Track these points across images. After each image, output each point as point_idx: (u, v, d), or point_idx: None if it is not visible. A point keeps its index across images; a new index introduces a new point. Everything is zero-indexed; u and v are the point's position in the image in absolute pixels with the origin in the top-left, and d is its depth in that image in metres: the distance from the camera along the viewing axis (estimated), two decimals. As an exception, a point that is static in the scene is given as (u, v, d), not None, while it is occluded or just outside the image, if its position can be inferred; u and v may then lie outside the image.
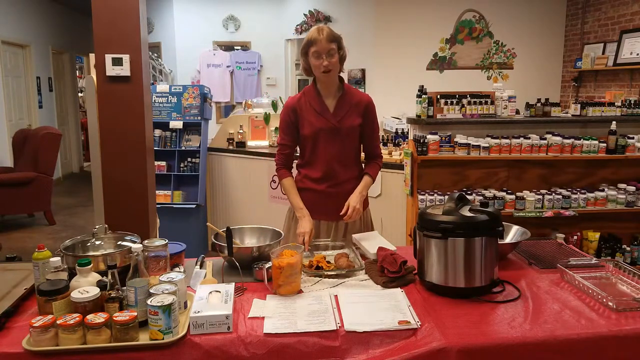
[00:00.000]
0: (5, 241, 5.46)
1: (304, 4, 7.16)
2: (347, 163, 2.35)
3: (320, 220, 2.39)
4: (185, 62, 7.76)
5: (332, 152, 2.32)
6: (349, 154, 2.35)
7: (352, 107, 2.32)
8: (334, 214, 2.31)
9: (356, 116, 2.32)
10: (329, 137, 2.31)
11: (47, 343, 1.35)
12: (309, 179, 2.37)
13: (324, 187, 2.35)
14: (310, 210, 2.30)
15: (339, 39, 2.28)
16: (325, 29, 2.25)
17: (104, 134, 2.88)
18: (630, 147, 3.56)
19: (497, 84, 4.56)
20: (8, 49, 7.45)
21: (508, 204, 3.51)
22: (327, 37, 2.21)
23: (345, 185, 2.33)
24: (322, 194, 2.35)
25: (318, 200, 2.34)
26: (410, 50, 6.51)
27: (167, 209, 4.80)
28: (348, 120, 2.30)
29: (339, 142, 2.31)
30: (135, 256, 1.57)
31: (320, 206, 2.35)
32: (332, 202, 2.32)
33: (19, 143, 6.42)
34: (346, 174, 2.34)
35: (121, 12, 2.78)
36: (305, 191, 2.36)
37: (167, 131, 4.99)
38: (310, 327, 1.46)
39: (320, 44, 2.20)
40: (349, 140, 2.33)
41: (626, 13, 5.92)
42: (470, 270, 1.66)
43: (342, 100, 2.33)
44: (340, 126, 2.29)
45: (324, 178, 2.34)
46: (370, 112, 2.37)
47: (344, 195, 2.29)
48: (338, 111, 2.31)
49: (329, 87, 2.33)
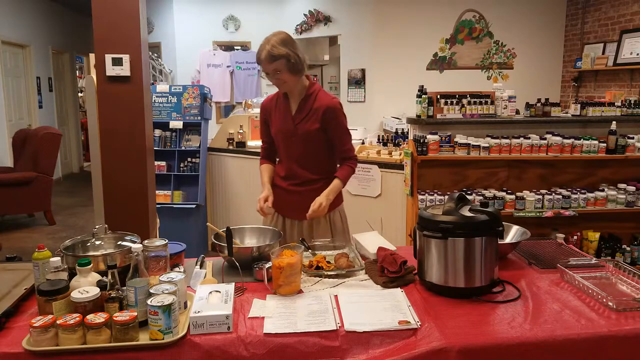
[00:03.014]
0: (5, 241, 5.46)
1: (304, 4, 7.16)
2: (308, 166, 2.38)
3: (285, 217, 2.45)
4: (185, 62, 7.76)
5: (292, 154, 2.38)
6: (309, 157, 2.37)
7: (311, 112, 2.31)
8: (296, 212, 2.37)
9: (314, 121, 2.31)
10: (288, 139, 2.36)
11: (47, 343, 1.35)
12: (277, 176, 2.47)
13: (286, 184, 2.42)
14: (277, 206, 2.39)
15: (281, 56, 2.18)
16: (267, 46, 2.18)
17: (104, 134, 2.88)
18: (630, 147, 3.56)
19: (497, 84, 4.56)
20: (8, 49, 7.45)
21: (508, 204, 3.50)
22: (266, 59, 2.19)
23: (309, 186, 2.37)
24: (285, 190, 2.42)
25: (282, 197, 2.40)
26: (410, 50, 6.50)
27: (167, 209, 4.80)
28: (305, 124, 2.31)
29: (297, 144, 2.35)
30: (135, 256, 1.57)
31: (284, 203, 2.41)
32: (294, 200, 2.37)
33: (19, 143, 6.42)
34: (307, 175, 2.38)
35: (121, 12, 2.78)
36: (275, 187, 2.44)
37: (167, 131, 4.99)
38: (310, 327, 1.46)
39: (263, 65, 2.23)
40: (308, 143, 2.34)
41: (626, 13, 5.92)
42: (470, 270, 1.66)
43: (303, 104, 2.34)
44: (296, 130, 2.32)
45: (287, 177, 2.42)
46: (331, 117, 2.32)
47: (307, 195, 2.31)
48: (298, 115, 2.34)
49: (292, 92, 2.35)
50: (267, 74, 2.28)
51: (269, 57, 2.19)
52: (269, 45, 2.19)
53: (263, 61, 2.21)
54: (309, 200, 2.28)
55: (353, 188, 4.06)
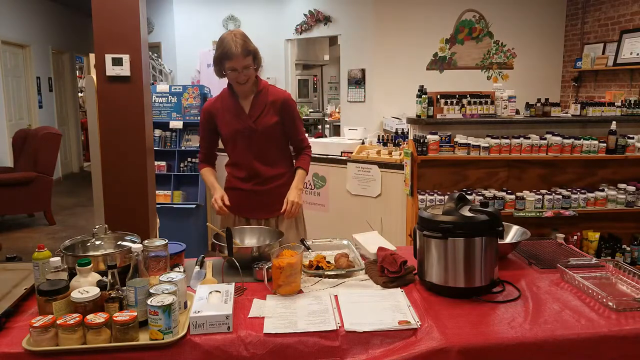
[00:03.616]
0: (5, 241, 5.46)
1: (304, 4, 7.16)
2: (269, 161, 2.37)
3: (250, 219, 2.41)
4: (185, 62, 7.76)
5: (252, 152, 2.34)
6: (271, 152, 2.37)
7: (267, 106, 2.31)
8: (263, 211, 2.36)
9: (272, 114, 2.31)
10: (247, 138, 2.33)
11: (47, 343, 1.35)
12: (235, 178, 2.42)
13: (249, 185, 2.38)
14: (238, 209, 2.35)
15: (254, 51, 2.21)
16: (239, 41, 2.16)
17: (104, 134, 2.88)
18: (630, 147, 3.56)
19: (497, 84, 4.56)
20: (8, 49, 7.45)
21: (508, 204, 3.50)
22: (242, 52, 2.15)
23: (272, 182, 2.36)
24: (249, 192, 2.38)
25: (246, 199, 2.38)
26: (410, 50, 6.50)
27: (167, 209, 4.80)
28: (264, 119, 2.31)
29: (257, 141, 2.33)
30: (135, 256, 1.57)
31: (249, 204, 2.38)
32: (260, 199, 2.36)
33: (19, 143, 6.42)
34: (271, 172, 2.36)
35: (121, 12, 2.77)
36: (233, 190, 2.39)
37: (167, 131, 4.99)
38: (310, 327, 1.46)
39: (236, 60, 2.16)
40: (267, 139, 2.34)
41: (626, 13, 5.92)
42: (470, 270, 1.66)
43: (256, 100, 2.32)
44: (256, 126, 2.30)
45: (249, 177, 2.38)
46: (287, 109, 2.35)
47: (272, 193, 2.32)
48: (253, 111, 2.31)
49: (244, 90, 2.32)
50: (232, 70, 2.20)
51: (244, 51, 2.16)
52: (240, 40, 2.16)
53: (237, 55, 2.15)
54: (276, 197, 2.28)
55: (353, 188, 4.06)
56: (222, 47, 2.18)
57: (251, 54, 2.19)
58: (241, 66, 2.18)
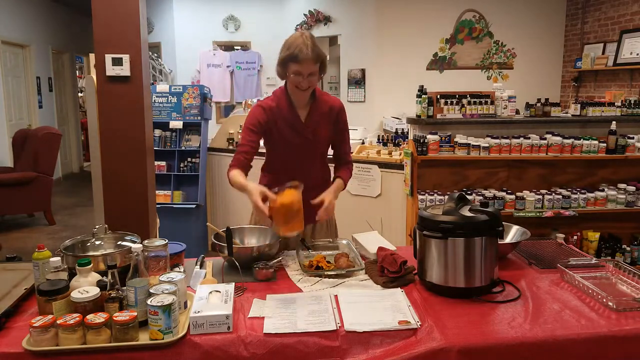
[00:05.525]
0: (5, 241, 5.46)
1: (304, 4, 7.16)
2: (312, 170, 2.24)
3: None
4: (185, 62, 7.76)
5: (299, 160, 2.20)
6: (316, 161, 2.26)
7: (323, 116, 2.19)
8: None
9: (326, 124, 2.20)
10: (297, 146, 2.18)
11: (47, 343, 1.35)
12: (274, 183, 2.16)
13: None
14: None
15: (323, 58, 2.06)
16: (310, 44, 1.99)
17: (104, 134, 2.88)
18: (630, 147, 3.56)
19: (497, 84, 4.56)
20: (8, 49, 7.44)
21: (508, 204, 3.50)
22: (314, 58, 1.99)
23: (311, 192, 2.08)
24: None
25: None
26: (410, 50, 6.51)
27: (167, 209, 4.80)
28: (321, 131, 2.19)
29: (307, 151, 2.20)
30: (135, 256, 1.57)
31: None
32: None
33: (19, 143, 6.42)
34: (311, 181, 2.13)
35: (121, 12, 2.78)
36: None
37: (167, 131, 4.99)
38: (310, 327, 1.46)
39: (305, 64, 1.99)
40: (317, 148, 2.23)
41: (626, 13, 5.92)
42: (470, 270, 1.66)
43: (313, 110, 2.17)
44: (314, 139, 2.18)
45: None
46: (341, 119, 2.25)
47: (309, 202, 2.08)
48: (309, 122, 2.17)
49: (303, 98, 2.16)
50: (297, 74, 2.02)
51: (316, 57, 2.00)
52: (312, 43, 2.00)
53: (307, 60, 1.98)
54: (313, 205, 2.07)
55: (353, 188, 4.06)
56: (292, 48, 2.01)
57: (320, 61, 2.04)
58: (308, 72, 2.01)
